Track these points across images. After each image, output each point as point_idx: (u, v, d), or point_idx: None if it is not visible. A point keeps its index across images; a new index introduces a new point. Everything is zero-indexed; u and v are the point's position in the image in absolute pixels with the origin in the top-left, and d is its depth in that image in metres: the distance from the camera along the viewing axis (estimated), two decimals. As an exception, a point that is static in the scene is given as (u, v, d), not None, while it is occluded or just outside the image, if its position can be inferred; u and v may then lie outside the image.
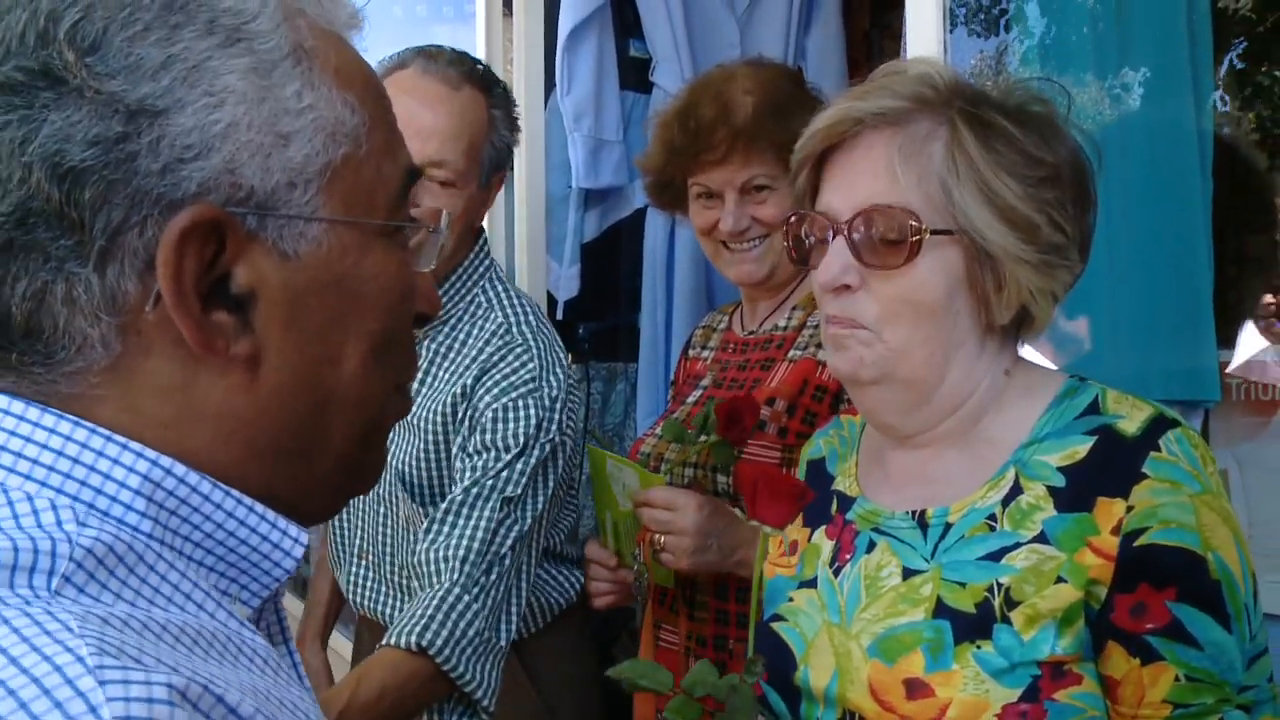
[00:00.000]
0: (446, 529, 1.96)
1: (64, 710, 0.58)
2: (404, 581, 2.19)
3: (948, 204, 1.32)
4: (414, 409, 2.11)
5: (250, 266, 0.77)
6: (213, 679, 0.65)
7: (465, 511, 1.97)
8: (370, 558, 2.25)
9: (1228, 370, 2.20)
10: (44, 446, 0.73)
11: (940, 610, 1.31)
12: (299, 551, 0.82)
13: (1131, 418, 1.31)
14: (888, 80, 1.39)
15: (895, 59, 2.05)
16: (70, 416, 0.74)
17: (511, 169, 3.31)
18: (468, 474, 2.01)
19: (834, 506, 1.53)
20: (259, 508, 0.80)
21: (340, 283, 0.81)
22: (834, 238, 1.37)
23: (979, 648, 1.26)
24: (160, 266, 0.73)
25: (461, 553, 1.93)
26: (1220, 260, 2.08)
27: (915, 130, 1.34)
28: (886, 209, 1.33)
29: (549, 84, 3.44)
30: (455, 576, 1.91)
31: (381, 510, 2.20)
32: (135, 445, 0.74)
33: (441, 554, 1.94)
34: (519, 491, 2.00)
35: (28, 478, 0.72)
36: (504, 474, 1.99)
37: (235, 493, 0.78)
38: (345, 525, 2.30)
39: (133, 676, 0.60)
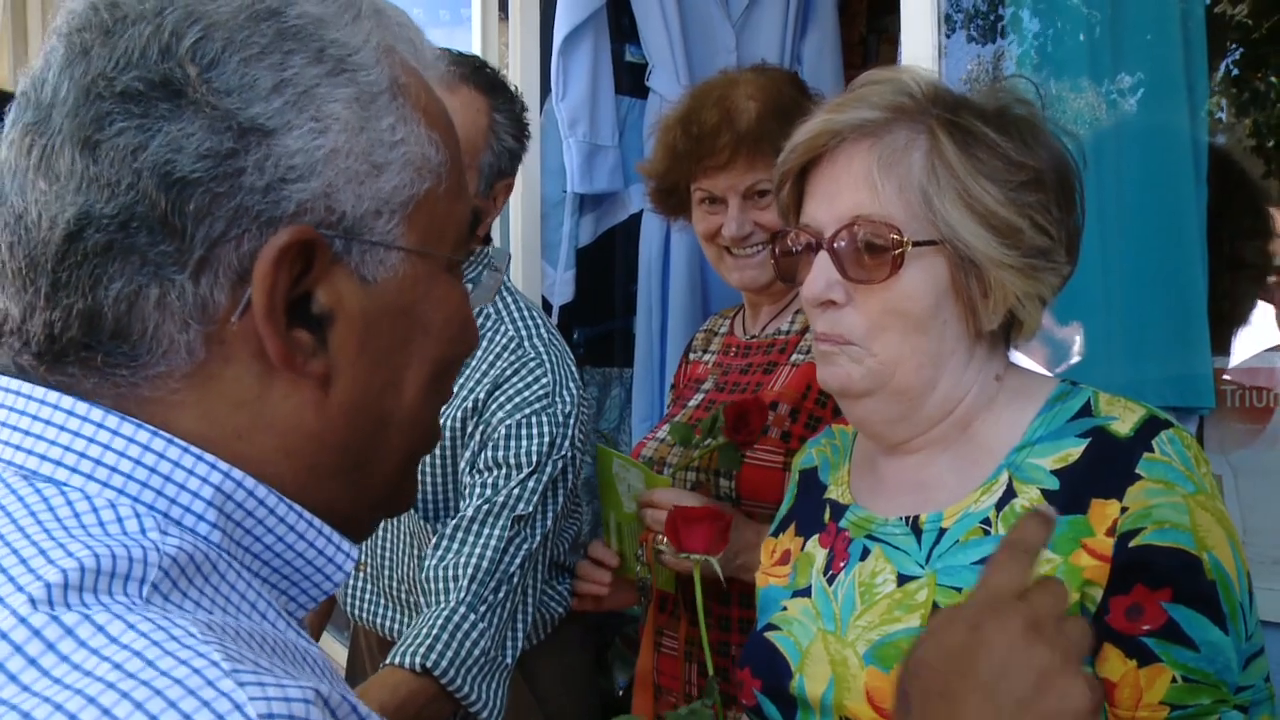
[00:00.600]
0: (456, 545, 1.97)
1: (212, 709, 0.60)
2: (403, 595, 2.20)
3: (929, 213, 1.32)
4: None
5: (332, 288, 0.80)
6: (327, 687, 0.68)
7: (475, 529, 1.97)
8: (369, 570, 2.26)
9: (1222, 376, 2.20)
10: (122, 454, 0.75)
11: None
12: (349, 566, 0.86)
13: (1124, 419, 1.31)
14: (865, 91, 1.39)
15: (892, 64, 2.07)
16: (148, 426, 0.76)
17: (507, 173, 3.31)
18: (478, 490, 2.01)
19: (827, 515, 1.53)
20: (316, 522, 0.83)
21: (410, 310, 0.85)
22: (817, 252, 1.38)
23: (975, 652, 1.27)
24: (256, 280, 0.76)
25: (470, 570, 1.93)
26: (1215, 266, 2.08)
27: (894, 140, 1.34)
28: (868, 222, 1.33)
29: (544, 88, 3.45)
30: (462, 595, 1.91)
31: (385, 523, 2.20)
32: (209, 457, 0.77)
33: (450, 571, 1.94)
34: (530, 509, 2.00)
35: (105, 485, 0.75)
36: (515, 491, 2.00)
37: (296, 506, 0.81)
38: None
39: (265, 680, 0.63)
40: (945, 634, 0.92)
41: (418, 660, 1.84)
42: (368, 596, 2.27)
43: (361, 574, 2.28)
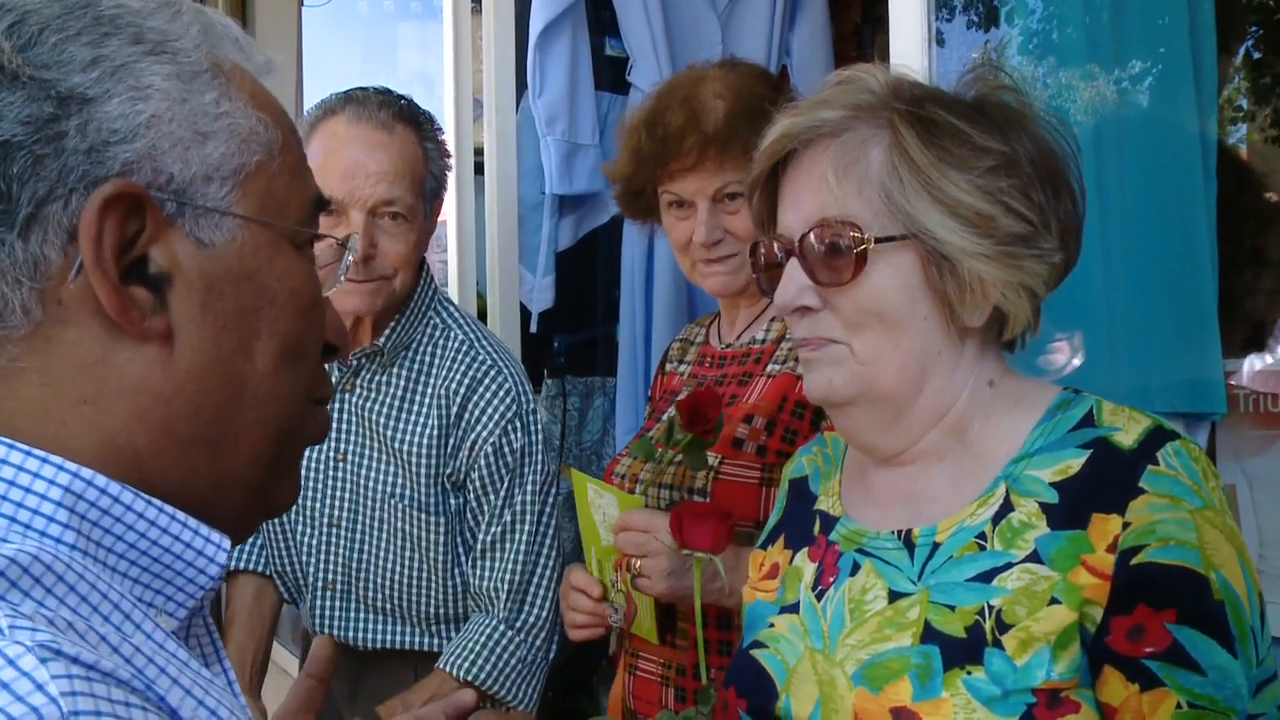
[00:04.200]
0: (489, 563, 2.36)
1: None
2: (381, 603, 2.45)
3: (891, 208, 1.34)
4: (394, 434, 2.37)
5: (167, 248, 0.86)
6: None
7: (502, 545, 2.35)
8: (338, 588, 2.46)
9: (1234, 380, 2.19)
10: None
11: (928, 635, 1.30)
12: (222, 557, 0.88)
13: (1128, 430, 1.30)
14: (828, 93, 1.42)
15: (887, 54, 2.06)
16: None
17: (481, 175, 3.33)
18: (489, 510, 2.36)
19: (816, 527, 1.53)
20: (180, 515, 0.86)
21: (253, 277, 0.91)
22: (788, 259, 1.40)
23: (969, 674, 1.25)
24: (82, 230, 0.81)
25: (506, 586, 2.34)
26: (1227, 264, 2.07)
27: (851, 139, 1.37)
28: (828, 223, 1.35)
29: (521, 85, 3.43)
30: (501, 612, 2.34)
31: (357, 537, 2.43)
32: (55, 459, 0.80)
33: (490, 590, 2.35)
34: (538, 510, 2.37)
35: None
36: (520, 498, 2.36)
37: (156, 501, 0.84)
38: (305, 560, 2.51)
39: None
40: None
41: (461, 673, 2.28)
42: (338, 613, 2.47)
43: (329, 593, 2.47)
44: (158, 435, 0.86)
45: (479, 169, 3.48)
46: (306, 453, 2.40)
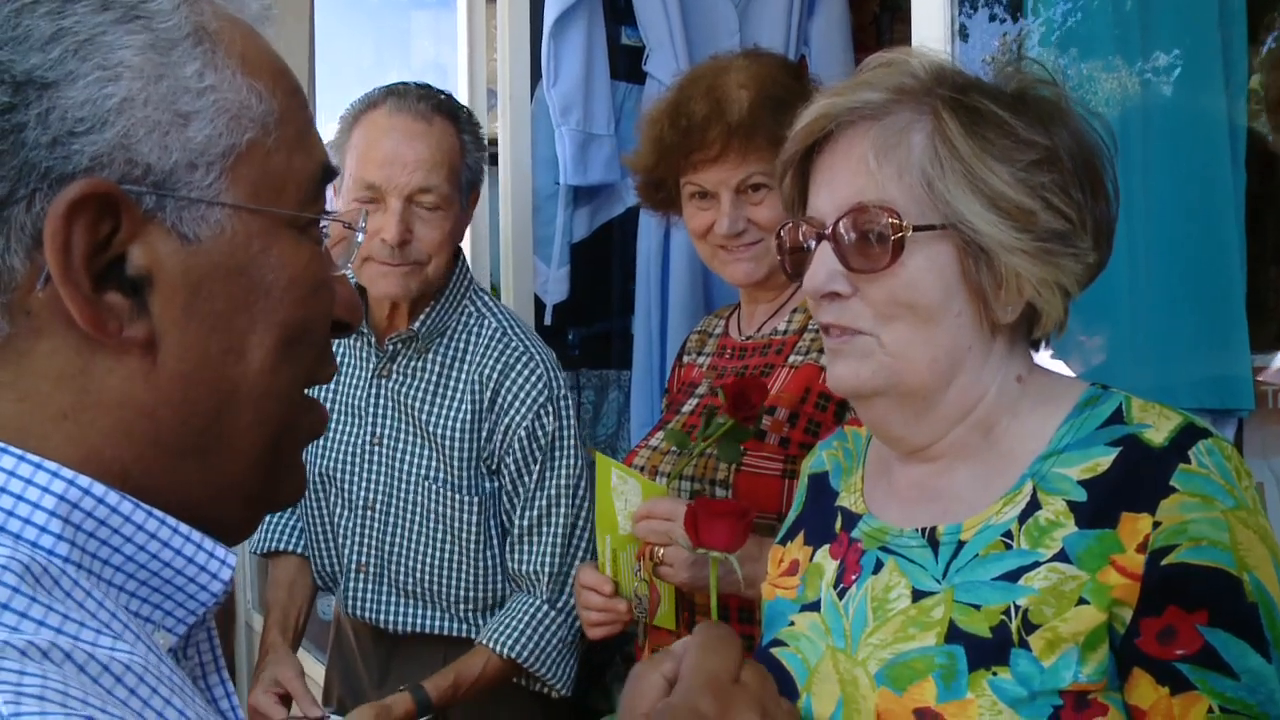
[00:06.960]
0: (529, 546, 2.46)
1: None
2: (412, 587, 2.53)
3: (931, 196, 1.32)
4: (429, 418, 2.46)
5: (147, 248, 0.78)
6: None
7: (540, 529, 2.45)
8: (370, 570, 2.56)
9: (1262, 376, 2.17)
10: None
11: (953, 634, 1.29)
12: (226, 574, 0.82)
13: (1158, 427, 1.29)
14: (870, 74, 1.40)
15: (906, 44, 2.05)
16: None
17: (495, 165, 3.33)
18: (523, 493, 2.46)
19: (838, 524, 1.52)
20: (183, 528, 0.80)
21: (245, 271, 0.83)
22: (818, 243, 1.37)
23: (995, 675, 1.24)
24: (47, 239, 0.74)
25: (548, 568, 2.44)
26: (1255, 257, 2.06)
27: (893, 122, 1.34)
28: (865, 208, 1.33)
29: (535, 74, 3.43)
30: (544, 594, 2.44)
31: (391, 520, 2.53)
32: (50, 465, 0.75)
33: (532, 571, 2.45)
34: (574, 496, 2.44)
35: None
36: (553, 482, 2.45)
37: (158, 513, 0.79)
38: (340, 543, 2.61)
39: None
40: None
41: (505, 650, 2.38)
42: (370, 596, 2.57)
43: (363, 575, 2.57)
44: (144, 448, 0.80)
45: (493, 159, 3.47)
46: (345, 438, 2.46)
